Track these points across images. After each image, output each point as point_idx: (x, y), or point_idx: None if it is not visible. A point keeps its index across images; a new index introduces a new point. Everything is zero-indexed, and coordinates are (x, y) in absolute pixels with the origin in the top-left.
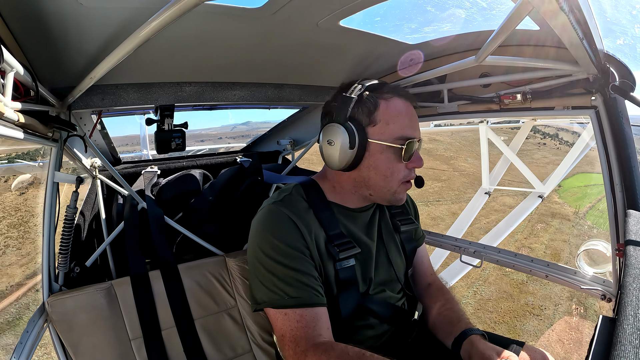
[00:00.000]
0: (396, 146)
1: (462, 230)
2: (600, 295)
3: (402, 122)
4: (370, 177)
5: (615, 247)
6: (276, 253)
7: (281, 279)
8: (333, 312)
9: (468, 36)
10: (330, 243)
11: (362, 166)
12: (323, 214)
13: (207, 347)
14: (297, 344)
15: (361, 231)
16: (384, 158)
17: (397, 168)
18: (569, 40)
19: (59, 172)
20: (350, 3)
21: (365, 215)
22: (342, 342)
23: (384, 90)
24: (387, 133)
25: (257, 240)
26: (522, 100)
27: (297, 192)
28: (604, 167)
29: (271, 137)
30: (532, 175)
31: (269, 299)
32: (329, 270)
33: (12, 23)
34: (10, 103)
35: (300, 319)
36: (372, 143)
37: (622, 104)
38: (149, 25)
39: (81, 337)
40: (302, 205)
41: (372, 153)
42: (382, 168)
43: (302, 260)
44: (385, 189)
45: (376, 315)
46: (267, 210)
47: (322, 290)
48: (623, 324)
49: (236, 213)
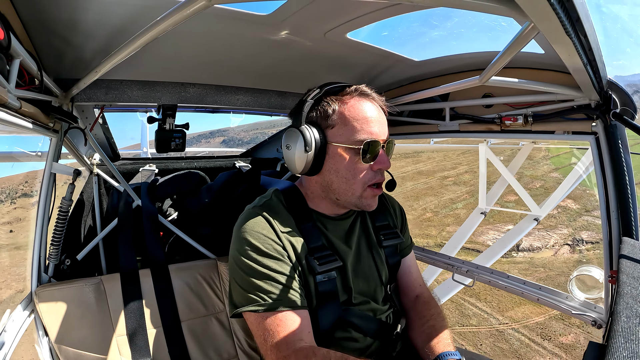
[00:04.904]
0: (355, 147)
1: (455, 249)
2: (591, 321)
3: (361, 122)
4: (333, 181)
5: (609, 274)
6: (254, 255)
7: (260, 281)
8: (312, 324)
9: (473, 56)
10: (311, 256)
11: (325, 170)
12: (304, 225)
13: (192, 349)
14: (278, 350)
15: (340, 239)
16: (344, 160)
17: (358, 170)
18: (573, 66)
19: (57, 163)
20: (358, 16)
21: (344, 223)
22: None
23: (344, 92)
24: (346, 135)
25: (236, 244)
26: (523, 123)
27: (276, 197)
28: (601, 193)
29: (271, 144)
30: (528, 198)
31: (248, 302)
32: (309, 282)
33: (22, 10)
34: (14, 90)
35: (280, 322)
36: (331, 146)
37: (623, 131)
38: (157, 24)
39: (67, 329)
40: (282, 211)
41: (332, 156)
42: (343, 171)
43: (280, 262)
44: (349, 193)
45: (357, 328)
46: (246, 214)
47: (302, 293)
48: (613, 351)
49: (231, 217)
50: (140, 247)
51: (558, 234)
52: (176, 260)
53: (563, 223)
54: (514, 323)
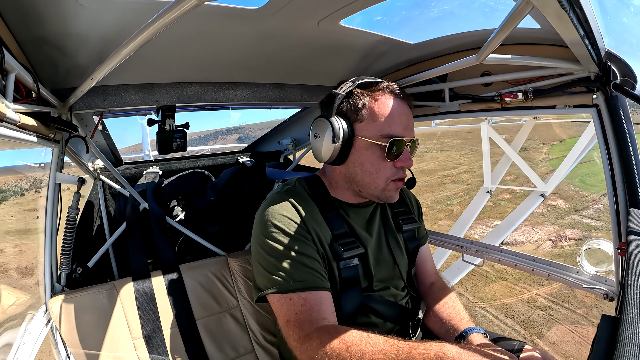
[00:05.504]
0: (381, 143)
1: (463, 230)
2: (603, 294)
3: (389, 120)
4: (356, 173)
5: (618, 246)
6: (279, 237)
7: (284, 262)
8: (336, 310)
9: (469, 35)
10: (335, 242)
11: (349, 161)
12: (328, 212)
13: (209, 347)
14: (301, 328)
15: (361, 227)
16: (369, 155)
17: (382, 166)
18: (570, 39)
19: (61, 173)
20: (350, 3)
21: (365, 211)
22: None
23: (376, 87)
24: (373, 130)
25: (260, 227)
26: (523, 99)
27: (300, 185)
28: (606, 165)
29: (273, 137)
30: (534, 174)
31: (273, 284)
32: (333, 268)
33: (13, 24)
34: (11, 104)
35: (304, 302)
36: (358, 139)
37: (624, 102)
38: (150, 26)
39: (83, 337)
40: (306, 198)
41: (358, 149)
42: (367, 165)
43: (304, 244)
44: (372, 186)
45: (379, 314)
46: (270, 199)
47: (326, 275)
48: (626, 323)
49: (238, 213)
50: (150, 249)
51: (543, 230)
52: (186, 260)
53: (550, 221)
54: (482, 302)
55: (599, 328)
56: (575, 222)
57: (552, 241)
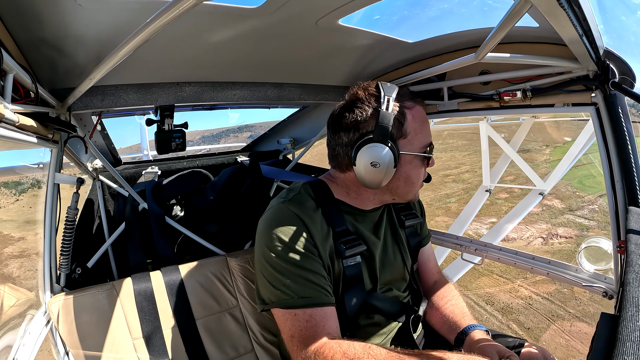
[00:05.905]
0: (424, 155)
1: (463, 228)
2: (602, 292)
3: (426, 129)
4: (399, 186)
5: (617, 244)
6: (285, 252)
7: (290, 278)
8: (339, 309)
9: (467, 34)
10: (337, 240)
11: (393, 177)
12: (329, 211)
13: (208, 347)
14: (305, 344)
15: (369, 230)
16: (413, 167)
17: (422, 173)
18: (569, 37)
19: (60, 173)
20: (349, 2)
21: (374, 215)
22: (348, 338)
23: (404, 97)
24: (416, 143)
25: (265, 239)
26: (522, 98)
27: (305, 191)
28: (605, 163)
29: (271, 137)
30: (532, 173)
31: (278, 299)
32: (336, 268)
33: (11, 25)
34: (10, 105)
35: (309, 319)
36: (403, 155)
37: (622, 100)
38: (148, 26)
39: (83, 337)
40: (310, 204)
41: (403, 164)
42: (413, 177)
43: (310, 260)
44: (411, 194)
45: (382, 312)
46: (276, 209)
47: (330, 290)
48: (625, 321)
49: (237, 212)
50: (149, 249)
51: (536, 228)
52: (186, 260)
53: (544, 219)
54: (466, 291)
55: (599, 325)
56: (569, 221)
57: (543, 238)
